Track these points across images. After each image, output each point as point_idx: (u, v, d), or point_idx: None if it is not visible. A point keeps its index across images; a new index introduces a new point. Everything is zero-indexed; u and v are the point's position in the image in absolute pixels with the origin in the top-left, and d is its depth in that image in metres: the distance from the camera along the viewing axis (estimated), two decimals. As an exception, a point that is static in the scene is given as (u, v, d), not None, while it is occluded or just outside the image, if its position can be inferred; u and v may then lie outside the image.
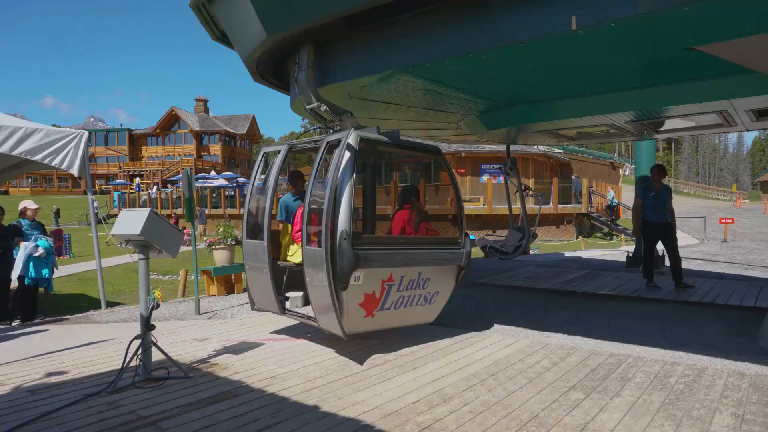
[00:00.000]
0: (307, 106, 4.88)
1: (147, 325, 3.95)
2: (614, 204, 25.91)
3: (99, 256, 7.70)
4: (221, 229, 8.74)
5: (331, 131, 4.91)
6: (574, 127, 6.79)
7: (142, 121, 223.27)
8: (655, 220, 7.56)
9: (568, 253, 14.79)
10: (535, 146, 27.12)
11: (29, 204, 7.62)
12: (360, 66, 4.67)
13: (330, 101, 4.91)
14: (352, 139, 4.34)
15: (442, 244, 5.10)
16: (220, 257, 8.63)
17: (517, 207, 9.52)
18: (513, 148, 24.59)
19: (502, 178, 26.22)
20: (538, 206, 12.99)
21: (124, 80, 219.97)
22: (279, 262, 5.33)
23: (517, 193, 9.36)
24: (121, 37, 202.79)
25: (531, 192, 9.58)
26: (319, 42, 4.95)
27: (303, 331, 5.65)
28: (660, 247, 8.07)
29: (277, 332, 5.61)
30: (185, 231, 16.86)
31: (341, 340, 5.14)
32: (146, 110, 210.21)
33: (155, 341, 4.03)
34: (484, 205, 23.91)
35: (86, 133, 7.37)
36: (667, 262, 8.75)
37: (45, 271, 7.37)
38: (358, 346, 4.95)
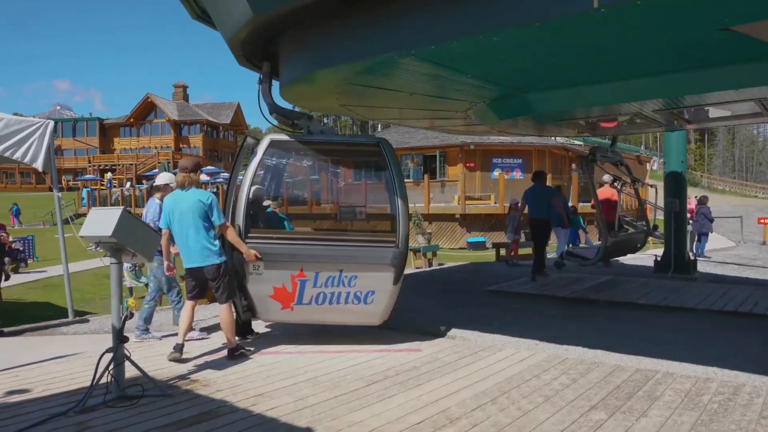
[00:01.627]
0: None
1: (120, 338, 3.95)
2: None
3: (66, 260, 7.69)
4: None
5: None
6: (596, 116, 6.79)
7: (114, 109, 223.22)
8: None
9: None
10: (553, 138, 27.13)
11: None
12: (356, 48, 4.67)
13: (320, 89, 4.96)
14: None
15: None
16: (201, 261, 8.61)
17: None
18: (528, 139, 24.77)
19: (516, 173, 26.36)
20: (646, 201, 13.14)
21: (93, 64, 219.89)
22: None
23: (623, 186, 9.54)
24: (89, 16, 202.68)
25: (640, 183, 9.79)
26: (310, 21, 4.95)
27: (293, 343, 5.66)
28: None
29: (266, 346, 5.60)
30: None
31: (334, 355, 5.15)
32: (119, 98, 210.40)
33: (129, 355, 4.03)
34: (495, 203, 23.88)
35: (51, 123, 7.36)
36: (699, 267, 8.84)
37: None
38: (355, 361, 4.96)
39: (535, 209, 9.04)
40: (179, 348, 4.96)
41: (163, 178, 6.06)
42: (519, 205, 10.61)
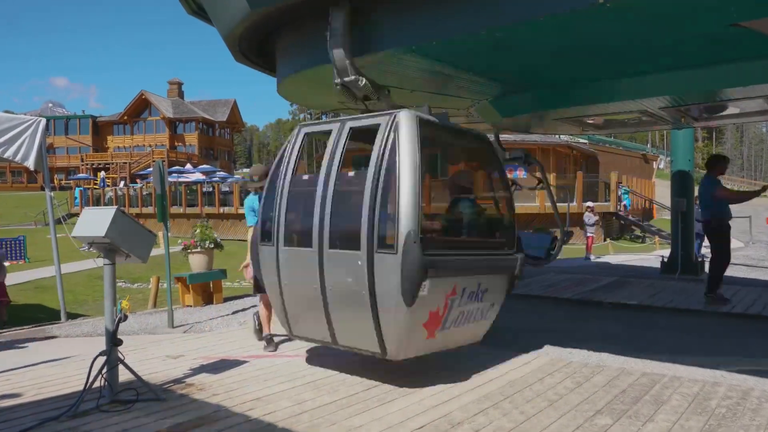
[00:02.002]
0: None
1: (113, 340, 3.95)
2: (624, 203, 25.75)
3: (58, 261, 7.70)
4: (198, 231, 8.74)
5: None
6: (601, 114, 6.79)
7: (107, 107, 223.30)
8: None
9: (594, 258, 14.81)
10: (557, 136, 27.13)
11: None
12: (355, 45, 4.67)
13: (318, 86, 4.91)
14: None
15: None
16: (197, 262, 8.63)
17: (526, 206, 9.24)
18: (531, 137, 24.74)
19: (519, 172, 26.31)
20: (566, 204, 12.98)
21: (87, 61, 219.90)
22: None
23: (539, 186, 9.28)
24: (82, 13, 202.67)
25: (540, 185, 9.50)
26: (308, 16, 4.95)
27: (291, 347, 5.66)
28: (703, 251, 8.12)
29: (263, 348, 5.60)
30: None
31: (335, 357, 5.15)
32: (112, 95, 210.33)
33: (123, 358, 4.03)
34: (498, 202, 23.87)
35: (44, 121, 7.37)
36: (706, 269, 8.75)
37: None
38: (354, 364, 4.96)
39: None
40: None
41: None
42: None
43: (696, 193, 9.24)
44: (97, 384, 3.92)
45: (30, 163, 7.13)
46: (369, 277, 3.90)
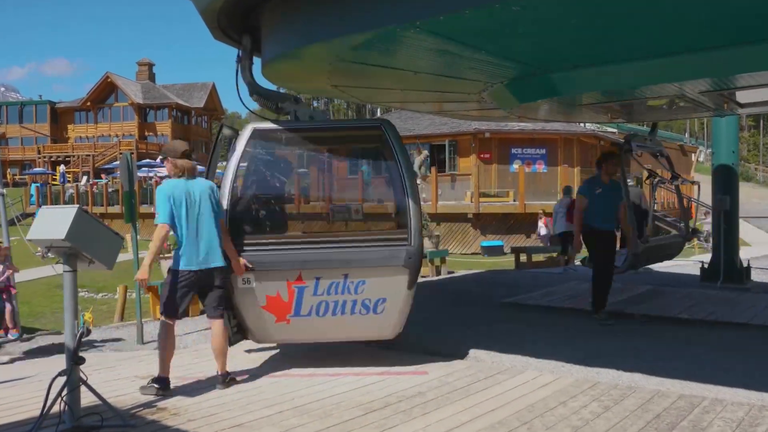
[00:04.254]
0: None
1: (74, 358, 3.95)
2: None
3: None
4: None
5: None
6: (631, 99, 6.79)
7: (68, 91, 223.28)
8: (603, 228, 7.39)
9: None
10: (581, 124, 27.15)
11: None
12: (351, 20, 4.68)
13: (309, 67, 4.93)
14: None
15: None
16: (170, 269, 8.63)
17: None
18: (553, 126, 24.80)
19: (538, 166, 26.38)
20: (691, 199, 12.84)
21: (44, 40, 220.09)
22: None
23: (660, 181, 9.25)
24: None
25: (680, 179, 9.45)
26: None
27: (279, 365, 5.66)
28: (745, 256, 8.06)
29: (246, 368, 5.61)
30: None
31: (327, 377, 5.15)
32: (73, 77, 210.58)
33: (85, 379, 4.03)
34: (514, 201, 23.90)
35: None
36: (753, 275, 8.78)
37: None
38: (350, 385, 4.96)
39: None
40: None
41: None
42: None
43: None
44: (56, 408, 3.91)
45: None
46: None
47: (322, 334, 5.57)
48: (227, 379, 4.98)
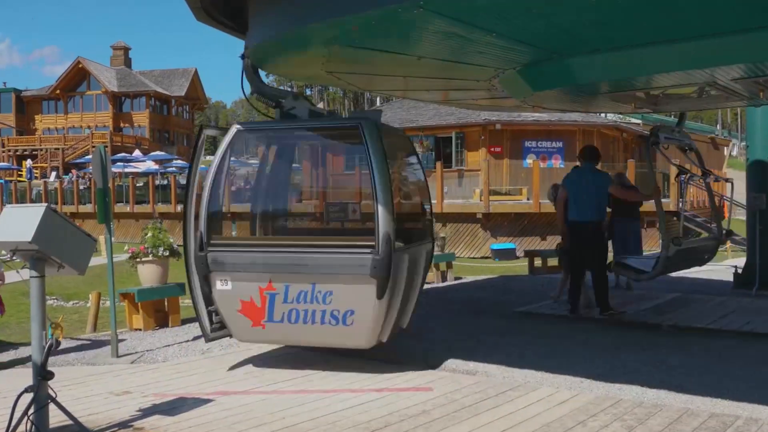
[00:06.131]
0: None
1: (42, 373, 3.95)
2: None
3: (-27, 272, 7.69)
4: (149, 235, 8.75)
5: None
6: (656, 87, 6.78)
7: (35, 78, 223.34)
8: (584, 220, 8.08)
9: (649, 269, 14.77)
10: (602, 114, 27.16)
11: None
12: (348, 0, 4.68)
13: (302, 52, 4.93)
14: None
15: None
16: (148, 275, 8.64)
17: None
18: (570, 116, 24.80)
19: (554, 161, 26.38)
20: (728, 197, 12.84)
21: (7, 20, 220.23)
22: None
23: (691, 178, 9.37)
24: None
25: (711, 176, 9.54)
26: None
27: (269, 379, 5.66)
28: None
29: (232, 382, 5.61)
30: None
31: (322, 392, 5.15)
32: (41, 63, 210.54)
33: (54, 396, 4.03)
34: (528, 199, 23.91)
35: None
36: None
37: None
38: (347, 403, 4.96)
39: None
40: None
41: None
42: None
43: None
44: (22, 428, 3.91)
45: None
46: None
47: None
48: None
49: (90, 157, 32.10)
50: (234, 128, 6.20)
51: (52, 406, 4.01)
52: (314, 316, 5.64)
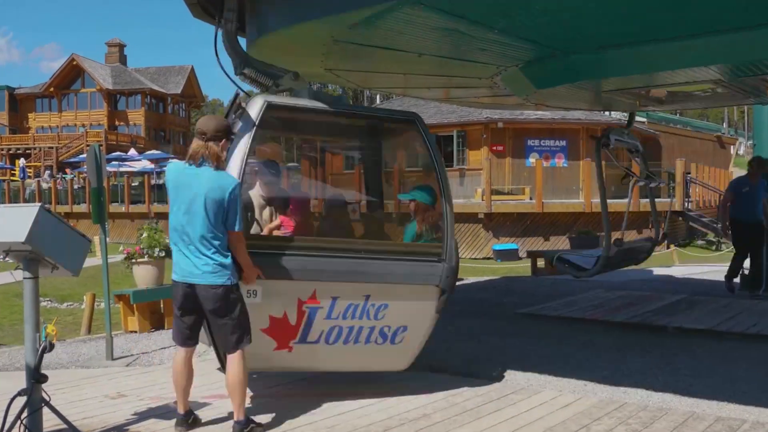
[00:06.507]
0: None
1: (35, 376, 3.95)
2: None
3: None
4: (145, 235, 8.75)
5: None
6: (662, 84, 6.78)
7: (28, 75, 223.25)
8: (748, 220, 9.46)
9: (656, 270, 14.80)
10: (606, 113, 27.14)
11: None
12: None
13: (300, 49, 4.92)
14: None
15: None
16: (144, 276, 8.64)
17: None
18: (574, 115, 24.81)
19: (558, 160, 26.37)
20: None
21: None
22: None
23: (637, 182, 9.61)
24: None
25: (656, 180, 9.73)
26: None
27: (265, 384, 5.66)
28: None
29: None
30: None
31: (323, 397, 5.15)
32: (34, 61, 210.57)
33: (48, 399, 4.03)
34: (531, 199, 23.93)
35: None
36: None
37: None
38: (346, 407, 4.96)
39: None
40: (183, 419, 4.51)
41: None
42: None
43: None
44: (15, 432, 3.92)
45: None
46: None
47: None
48: (248, 428, 4.37)
49: (84, 156, 32.10)
50: (261, 101, 4.93)
51: (45, 410, 4.01)
52: (359, 335, 4.97)
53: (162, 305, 8.63)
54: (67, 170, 45.25)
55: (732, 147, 44.80)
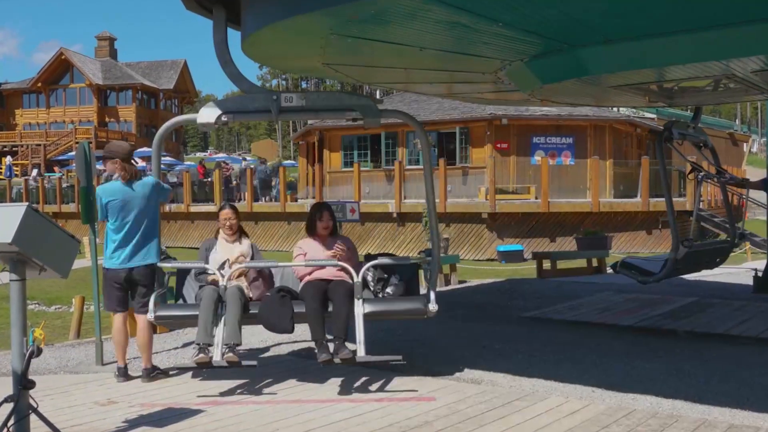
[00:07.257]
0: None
1: (23, 382, 3.94)
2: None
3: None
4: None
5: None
6: (671, 79, 6.79)
7: (15, 70, 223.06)
8: None
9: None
10: (614, 109, 27.15)
11: None
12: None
13: (298, 43, 4.90)
14: None
15: None
16: (135, 278, 8.62)
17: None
18: (581, 111, 24.81)
19: (564, 158, 26.35)
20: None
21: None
22: None
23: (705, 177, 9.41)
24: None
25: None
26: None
27: (262, 388, 5.66)
28: None
29: (224, 393, 5.61)
30: None
31: (320, 402, 5.14)
32: (20, 55, 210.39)
33: (36, 406, 4.03)
34: (536, 198, 23.93)
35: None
36: None
37: None
38: (345, 413, 4.96)
39: None
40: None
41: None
42: None
43: None
44: (1, 440, 3.92)
45: None
46: None
47: None
48: (152, 374, 5.99)
49: (73, 153, 32.08)
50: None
51: (33, 417, 4.01)
52: None
53: (154, 308, 8.61)
54: (56, 168, 45.21)
55: (745, 144, 44.80)
